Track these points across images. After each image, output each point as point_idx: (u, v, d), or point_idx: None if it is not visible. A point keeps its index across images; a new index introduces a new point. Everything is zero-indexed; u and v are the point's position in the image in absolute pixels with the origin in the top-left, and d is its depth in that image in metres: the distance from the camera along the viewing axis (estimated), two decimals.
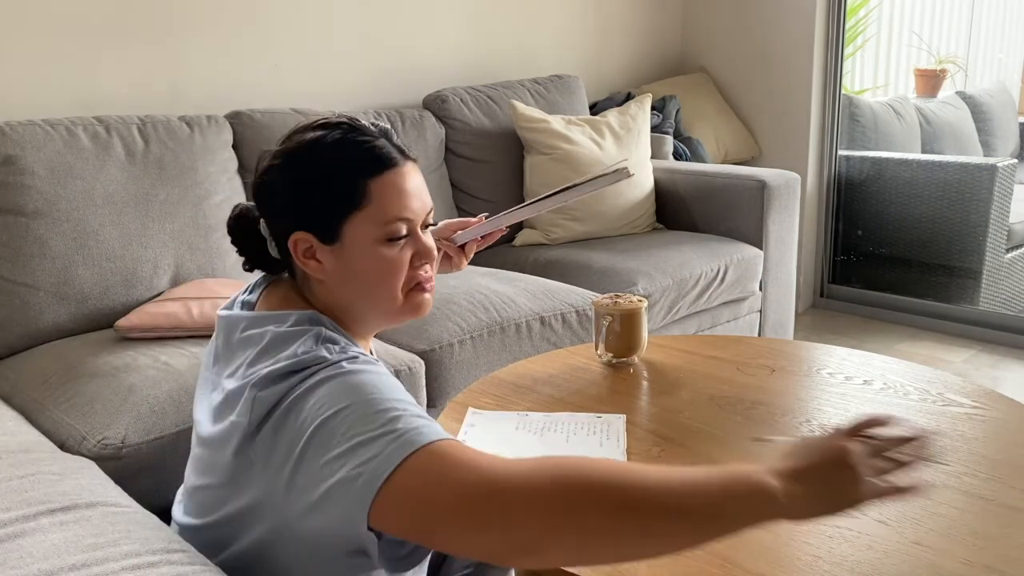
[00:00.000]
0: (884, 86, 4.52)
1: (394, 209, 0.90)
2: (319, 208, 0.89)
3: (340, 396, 0.77)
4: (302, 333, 0.86)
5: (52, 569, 0.75)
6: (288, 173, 0.90)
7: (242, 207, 0.98)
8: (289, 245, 0.90)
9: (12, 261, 1.77)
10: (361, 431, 0.74)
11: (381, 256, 0.90)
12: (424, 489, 0.70)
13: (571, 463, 0.70)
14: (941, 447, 1.08)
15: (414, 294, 0.95)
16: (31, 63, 2.05)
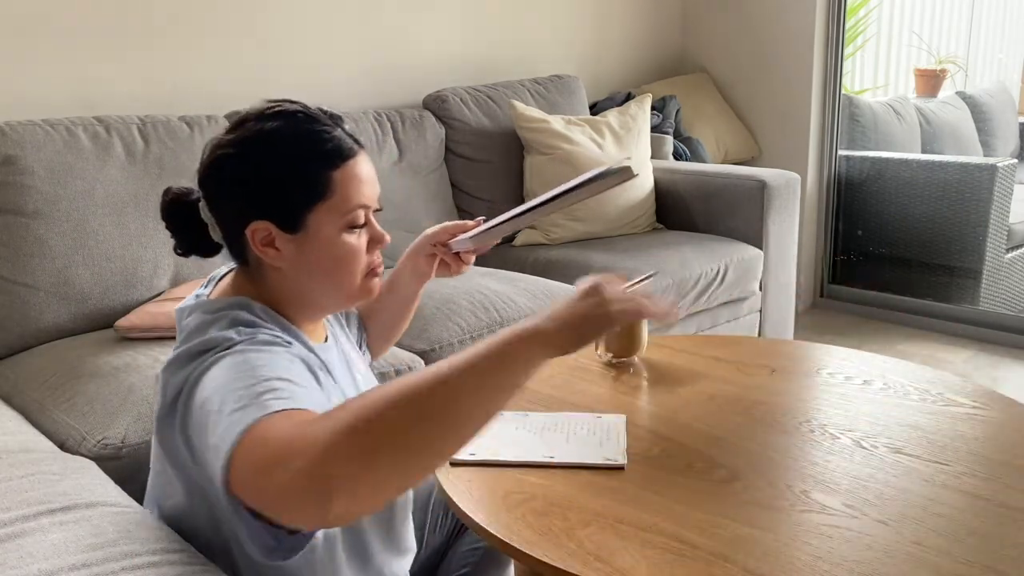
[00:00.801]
0: (884, 86, 4.52)
1: (355, 197, 0.93)
2: (282, 199, 0.90)
3: (223, 374, 0.77)
4: (221, 318, 0.88)
5: (52, 569, 0.75)
6: (247, 162, 0.90)
7: (176, 190, 0.97)
8: (247, 233, 0.91)
9: (12, 261, 1.77)
10: (227, 406, 0.72)
11: (344, 243, 0.93)
12: (251, 457, 0.67)
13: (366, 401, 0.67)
14: (941, 447, 1.08)
15: (368, 279, 0.97)
16: (31, 63, 2.05)
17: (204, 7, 2.31)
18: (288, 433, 0.66)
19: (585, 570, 0.84)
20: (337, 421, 0.65)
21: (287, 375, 0.77)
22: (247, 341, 0.83)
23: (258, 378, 0.75)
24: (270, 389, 0.73)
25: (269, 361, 0.79)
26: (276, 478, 0.64)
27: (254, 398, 0.72)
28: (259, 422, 0.68)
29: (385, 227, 1.00)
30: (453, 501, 0.98)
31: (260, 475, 0.65)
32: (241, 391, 0.74)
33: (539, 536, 0.90)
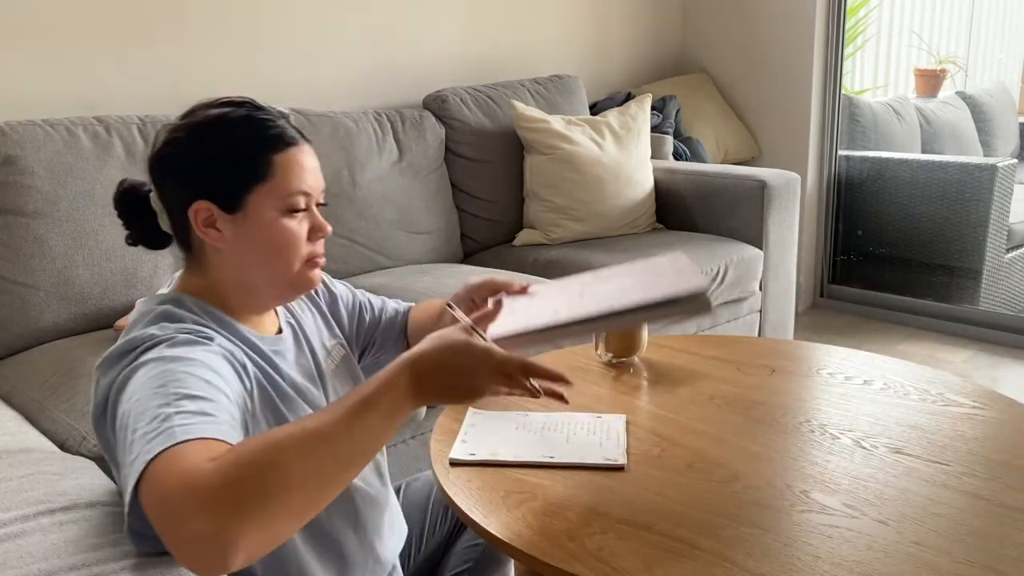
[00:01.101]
0: (884, 86, 4.52)
1: (296, 182, 0.95)
2: (224, 178, 0.93)
3: (140, 388, 0.79)
4: (150, 313, 0.91)
5: (52, 569, 0.74)
6: (194, 144, 0.95)
7: (129, 182, 1.01)
8: (189, 214, 0.93)
9: (12, 261, 1.77)
10: (141, 429, 0.74)
11: (282, 227, 0.95)
12: (153, 498, 0.69)
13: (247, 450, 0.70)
14: (941, 447, 1.08)
15: (307, 268, 0.99)
16: (31, 63, 2.05)
17: (204, 7, 2.31)
18: (182, 478, 0.68)
19: (585, 570, 0.84)
20: (226, 474, 0.67)
21: (199, 390, 0.79)
22: (168, 342, 0.84)
23: (169, 396, 0.76)
24: (178, 411, 0.75)
25: (185, 370, 0.80)
26: (173, 528, 0.67)
27: (161, 422, 0.73)
28: (160, 457, 0.70)
29: (385, 227, 1.00)
30: (452, 501, 0.98)
31: (159, 519, 0.68)
32: (152, 411, 0.75)
33: (539, 536, 0.90)
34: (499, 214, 2.67)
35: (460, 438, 1.08)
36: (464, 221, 2.65)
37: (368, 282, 2.17)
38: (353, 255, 2.32)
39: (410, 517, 1.25)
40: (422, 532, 1.26)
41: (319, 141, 2.27)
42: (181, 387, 0.78)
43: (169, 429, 0.72)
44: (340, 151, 2.31)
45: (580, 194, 2.57)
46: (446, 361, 0.82)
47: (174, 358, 0.82)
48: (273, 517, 0.68)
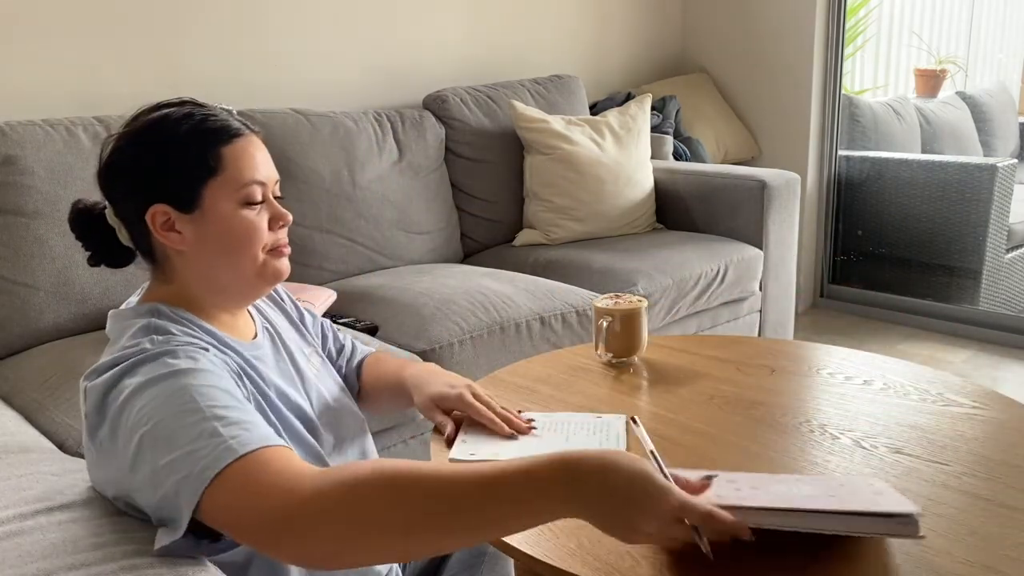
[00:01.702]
0: (884, 86, 4.52)
1: (248, 172, 0.94)
2: (175, 178, 0.92)
3: (164, 403, 0.80)
4: (132, 326, 0.90)
5: (51, 568, 0.74)
6: (139, 149, 0.94)
7: (82, 202, 0.99)
8: (147, 219, 0.92)
9: (12, 261, 1.77)
10: (181, 443, 0.76)
11: (241, 218, 0.94)
12: (230, 509, 0.73)
13: (362, 473, 0.73)
14: (941, 447, 1.08)
15: (272, 257, 0.98)
16: (31, 63, 2.05)
17: (204, 7, 2.31)
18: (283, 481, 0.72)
19: (585, 570, 0.84)
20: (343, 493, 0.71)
21: (228, 402, 0.80)
22: (168, 355, 0.84)
23: (205, 412, 0.78)
24: (225, 424, 0.77)
25: (205, 383, 0.82)
26: (289, 553, 0.71)
27: (211, 437, 0.76)
28: (237, 464, 0.73)
29: (385, 227, 1.00)
30: None
31: (251, 502, 0.71)
32: (192, 429, 0.77)
33: (539, 536, 0.90)
34: (499, 214, 2.67)
35: (460, 438, 1.08)
36: (464, 221, 2.65)
37: (368, 282, 2.17)
38: (353, 255, 2.32)
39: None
40: None
41: (319, 141, 2.27)
42: (211, 402, 0.79)
43: (226, 443, 0.75)
44: (340, 151, 2.31)
45: (580, 194, 2.57)
46: (619, 487, 0.72)
47: (185, 371, 0.82)
48: (337, 556, 0.71)
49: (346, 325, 1.89)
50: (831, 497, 0.84)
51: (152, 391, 0.81)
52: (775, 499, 0.82)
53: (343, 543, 0.72)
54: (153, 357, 0.84)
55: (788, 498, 0.83)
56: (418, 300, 1.97)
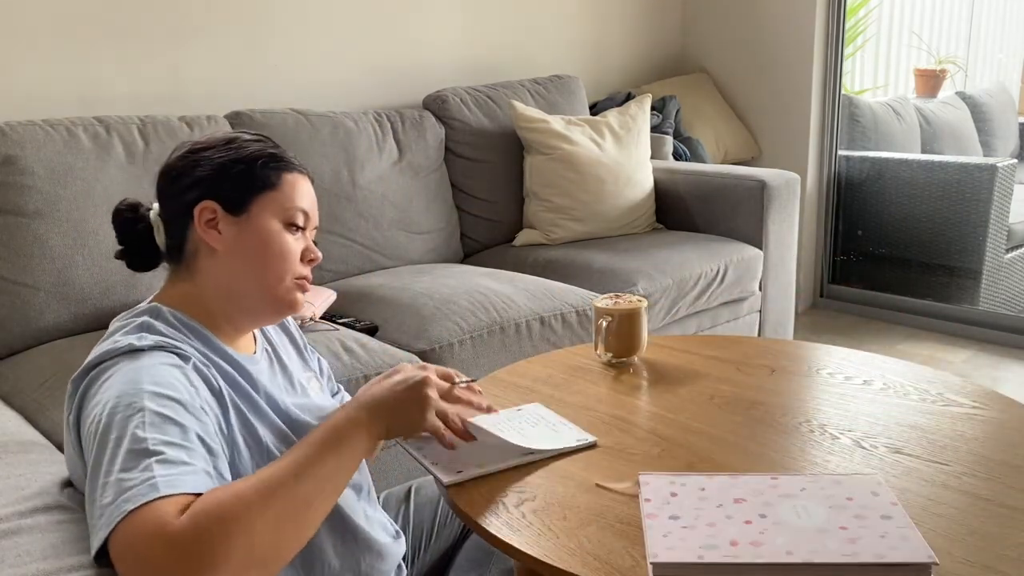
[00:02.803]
0: (884, 86, 4.52)
1: (298, 199, 1.02)
2: (235, 181, 0.98)
3: (120, 420, 0.80)
4: (128, 324, 0.94)
5: (51, 569, 0.74)
6: (207, 152, 1.00)
7: (129, 200, 1.05)
8: (194, 212, 0.97)
9: (12, 261, 1.77)
10: (113, 473, 0.77)
11: (280, 237, 1.00)
12: (120, 558, 0.73)
13: (210, 506, 0.74)
14: (941, 447, 1.08)
15: (295, 287, 1.02)
16: (31, 63, 2.05)
17: (204, 7, 2.31)
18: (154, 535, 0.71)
19: (585, 570, 0.84)
20: (230, 542, 0.72)
21: (176, 436, 0.80)
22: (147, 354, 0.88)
23: (148, 441, 0.78)
24: (158, 459, 0.77)
25: (163, 409, 0.82)
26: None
27: (142, 471, 0.76)
28: (136, 513, 0.73)
29: (385, 227, 1.03)
30: (455, 503, 0.98)
31: (134, 570, 0.72)
32: (131, 454, 0.77)
33: (539, 536, 0.90)
34: (499, 214, 2.67)
35: (430, 460, 1.06)
36: (464, 221, 2.65)
37: (368, 282, 2.17)
38: (353, 255, 2.32)
39: (422, 516, 1.26)
40: (431, 531, 1.26)
41: (319, 141, 2.27)
42: (159, 432, 0.79)
43: (150, 481, 0.75)
44: (340, 151, 2.31)
45: (580, 194, 2.57)
46: (388, 394, 0.95)
47: (154, 393, 0.83)
48: (243, 567, 0.73)
49: (346, 325, 1.89)
50: (841, 530, 0.83)
51: (120, 390, 0.83)
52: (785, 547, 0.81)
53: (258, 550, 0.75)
54: (132, 352, 0.88)
55: (796, 543, 0.82)
56: (418, 300, 1.97)
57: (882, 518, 0.86)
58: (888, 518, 0.86)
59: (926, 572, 0.79)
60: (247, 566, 0.74)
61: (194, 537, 0.71)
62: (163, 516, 0.72)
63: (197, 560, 0.71)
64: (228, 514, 0.73)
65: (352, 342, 1.75)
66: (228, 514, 0.73)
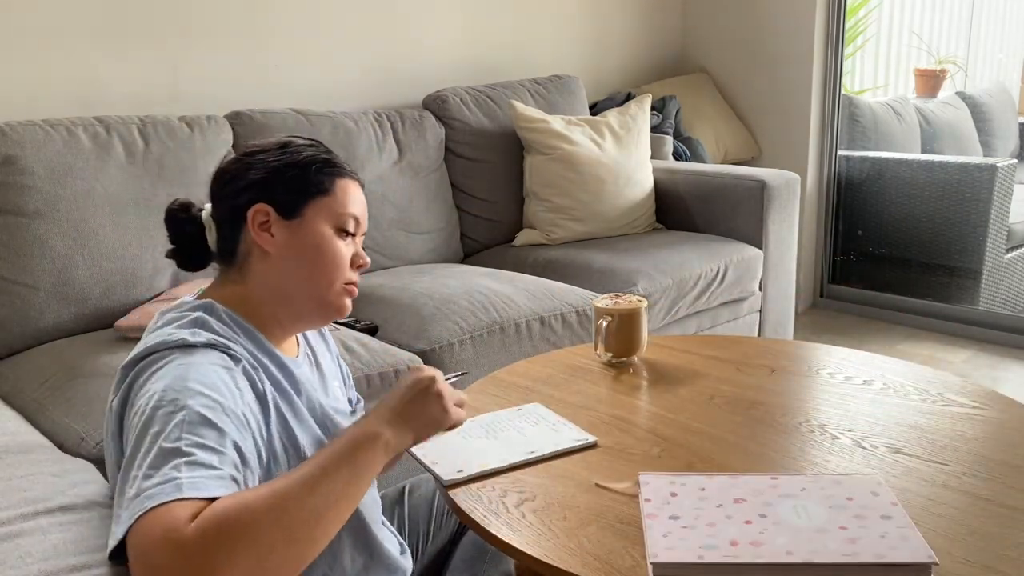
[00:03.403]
0: (884, 86, 4.52)
1: (350, 205, 1.03)
2: (289, 185, 1.00)
3: (161, 416, 0.81)
4: (183, 318, 0.94)
5: (52, 570, 0.74)
6: (262, 155, 1.02)
7: (181, 200, 1.06)
8: (248, 215, 0.99)
9: (12, 261, 1.77)
10: (146, 467, 0.77)
11: (332, 242, 1.01)
12: (133, 556, 0.73)
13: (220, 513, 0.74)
14: (941, 447, 1.08)
15: (344, 292, 1.03)
16: (31, 63, 2.05)
17: (204, 7, 2.31)
18: (164, 539, 0.71)
19: (585, 570, 0.84)
20: (240, 548, 0.72)
21: (211, 439, 0.80)
22: (200, 352, 0.88)
23: (183, 442, 0.78)
24: (187, 460, 0.77)
25: (204, 410, 0.82)
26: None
27: (170, 469, 0.76)
28: (153, 512, 0.73)
29: (385, 227, 1.04)
30: (454, 502, 0.98)
31: (144, 570, 0.71)
32: (163, 451, 0.78)
33: (539, 536, 0.90)
34: (499, 214, 2.67)
35: (430, 460, 1.07)
36: (464, 221, 2.65)
37: (368, 282, 2.17)
38: None
39: (417, 515, 1.26)
40: (428, 531, 1.26)
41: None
42: (194, 434, 0.80)
43: (174, 481, 0.75)
44: (340, 151, 2.31)
45: (580, 194, 2.57)
46: (403, 403, 0.93)
47: (199, 392, 0.83)
48: (276, 569, 0.73)
49: (346, 325, 1.89)
50: (841, 530, 0.83)
51: (167, 384, 0.84)
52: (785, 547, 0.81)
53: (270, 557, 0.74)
54: (185, 347, 0.88)
55: (796, 543, 0.82)
56: (418, 300, 1.97)
57: (882, 518, 0.86)
58: (888, 518, 0.86)
59: (926, 572, 0.79)
60: (257, 573, 0.73)
61: (200, 546, 0.70)
62: (175, 520, 0.72)
63: (199, 569, 0.70)
64: (236, 525, 0.72)
65: (353, 342, 1.75)
66: (236, 525, 0.72)
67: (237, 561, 0.71)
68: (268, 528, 0.74)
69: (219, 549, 0.71)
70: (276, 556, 0.74)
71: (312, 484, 0.79)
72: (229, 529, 0.72)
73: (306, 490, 0.78)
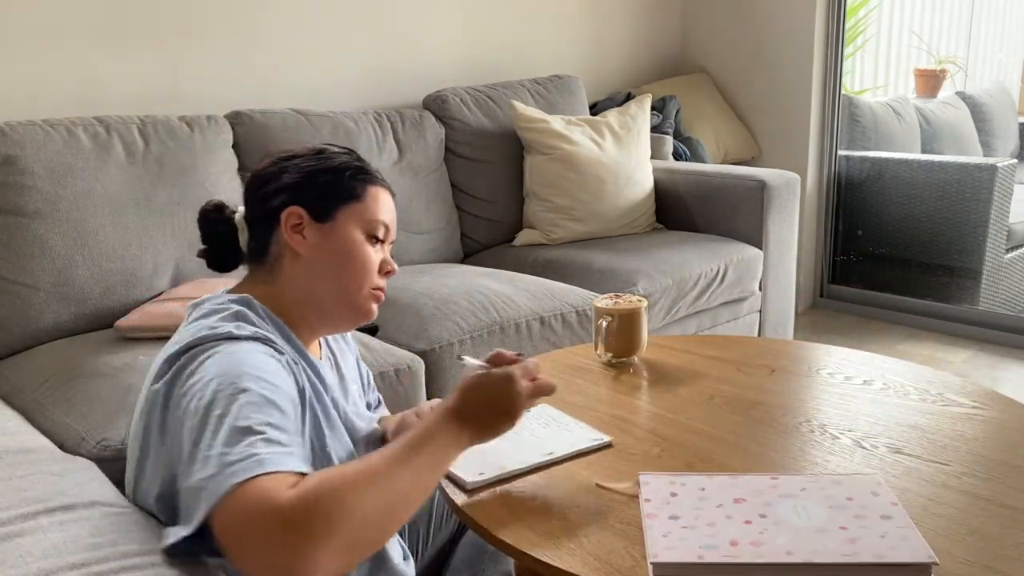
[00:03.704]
0: (884, 86, 4.52)
1: (380, 212, 1.06)
2: (322, 189, 1.03)
3: (223, 398, 0.82)
4: (226, 310, 0.95)
5: (51, 568, 0.75)
6: (297, 160, 1.05)
7: (215, 202, 1.09)
8: (281, 217, 1.02)
9: (12, 261, 1.77)
10: (216, 446, 0.79)
11: (362, 247, 1.04)
12: (229, 527, 0.74)
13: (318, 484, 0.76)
14: (941, 447, 1.08)
15: (371, 297, 1.06)
16: (31, 63, 2.05)
17: (204, 7, 2.31)
18: (267, 507, 0.73)
19: (585, 570, 0.84)
20: (336, 519, 0.74)
21: (277, 420, 0.82)
22: (248, 342, 0.89)
23: (252, 421, 0.80)
24: (263, 438, 0.79)
25: (266, 393, 0.84)
26: (252, 553, 0.73)
27: (246, 447, 0.77)
28: (246, 484, 0.74)
29: None
30: (454, 502, 0.98)
31: (237, 542, 0.73)
32: (235, 431, 0.79)
33: (539, 536, 0.90)
34: (499, 214, 2.67)
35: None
36: (464, 221, 2.65)
37: None
38: None
39: (417, 516, 1.26)
40: (428, 530, 1.27)
41: (319, 141, 2.27)
42: (262, 413, 0.82)
43: (255, 457, 0.77)
44: None
45: (580, 194, 2.57)
46: (481, 400, 0.92)
47: (257, 377, 0.85)
48: (344, 547, 0.74)
49: None
50: (841, 530, 0.83)
51: (222, 370, 0.85)
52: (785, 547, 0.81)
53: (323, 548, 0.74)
54: (232, 339, 0.90)
55: (796, 543, 0.82)
56: (418, 300, 1.97)
57: (882, 518, 0.86)
58: (888, 518, 0.86)
59: (926, 572, 0.79)
60: (347, 547, 0.75)
61: (304, 512, 0.72)
62: (273, 490, 0.74)
63: (304, 534, 0.72)
64: (337, 494, 0.75)
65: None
66: (337, 494, 0.75)
67: (335, 530, 0.73)
68: (365, 501, 0.76)
69: (319, 519, 0.73)
70: (369, 530, 0.77)
71: (398, 464, 0.82)
72: (328, 500, 0.74)
73: (399, 468, 0.81)
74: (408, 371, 1.71)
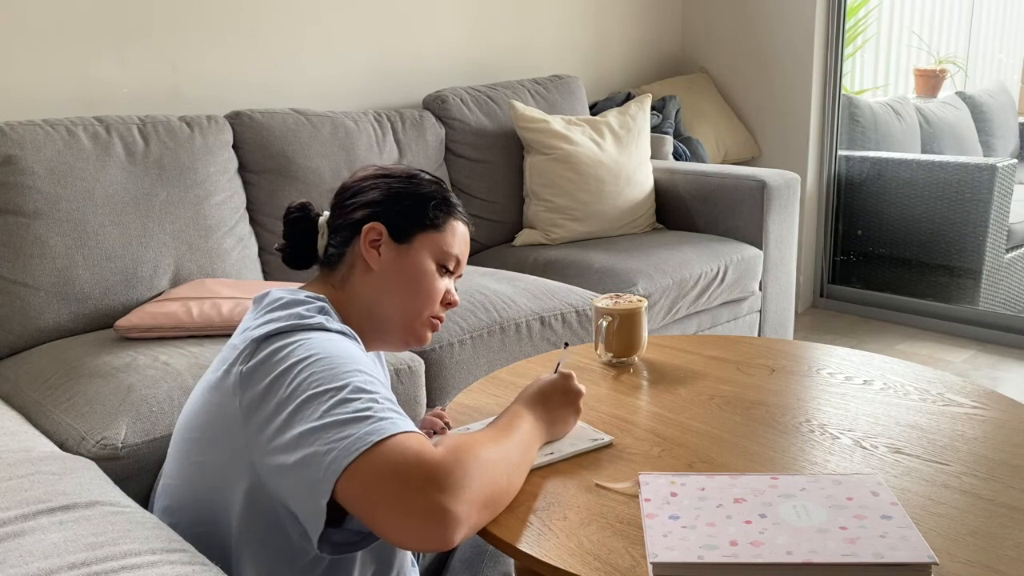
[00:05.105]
0: (884, 86, 4.52)
1: (455, 246, 1.11)
2: (406, 212, 1.07)
3: (329, 375, 0.86)
4: (308, 303, 0.98)
5: (52, 568, 0.75)
6: (389, 180, 1.09)
7: (302, 201, 1.13)
8: (363, 229, 1.06)
9: (12, 261, 1.77)
10: (341, 411, 0.82)
11: (432, 274, 1.08)
12: (376, 478, 0.78)
13: (459, 443, 0.85)
14: (941, 447, 1.08)
15: (427, 326, 1.10)
16: (31, 63, 2.06)
17: (204, 7, 2.31)
18: (420, 458, 0.79)
19: (585, 570, 0.84)
20: (474, 472, 0.83)
21: (387, 392, 0.88)
22: (340, 334, 0.94)
23: (366, 393, 0.85)
24: (383, 406, 0.84)
25: (370, 372, 0.89)
26: (405, 501, 0.78)
27: (371, 413, 0.82)
28: (390, 441, 0.80)
29: None
30: None
31: (393, 494, 0.78)
32: (353, 403, 0.83)
33: (539, 536, 0.90)
34: (499, 214, 2.67)
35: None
36: None
37: None
38: None
39: None
40: None
41: (319, 141, 2.27)
42: (373, 388, 0.87)
43: (387, 420, 0.82)
44: (340, 151, 2.31)
45: (580, 194, 2.57)
46: (553, 400, 1.06)
47: (360, 361, 0.90)
48: (479, 503, 0.82)
49: None
50: (841, 530, 0.83)
51: (328, 352, 0.88)
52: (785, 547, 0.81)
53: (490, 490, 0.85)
54: (324, 329, 0.94)
55: (796, 543, 0.82)
56: None
57: (882, 518, 0.86)
58: (888, 518, 0.86)
59: (926, 572, 0.79)
60: (482, 503, 0.83)
61: (452, 465, 0.80)
62: (417, 445, 0.80)
63: (450, 486, 0.79)
64: (479, 454, 0.84)
65: None
66: (479, 454, 0.84)
67: (476, 484, 0.82)
68: (498, 462, 0.87)
69: (465, 470, 0.81)
70: (499, 488, 0.87)
71: (509, 440, 0.94)
72: (468, 456, 0.82)
73: (510, 442, 0.93)
74: (408, 371, 1.71)
